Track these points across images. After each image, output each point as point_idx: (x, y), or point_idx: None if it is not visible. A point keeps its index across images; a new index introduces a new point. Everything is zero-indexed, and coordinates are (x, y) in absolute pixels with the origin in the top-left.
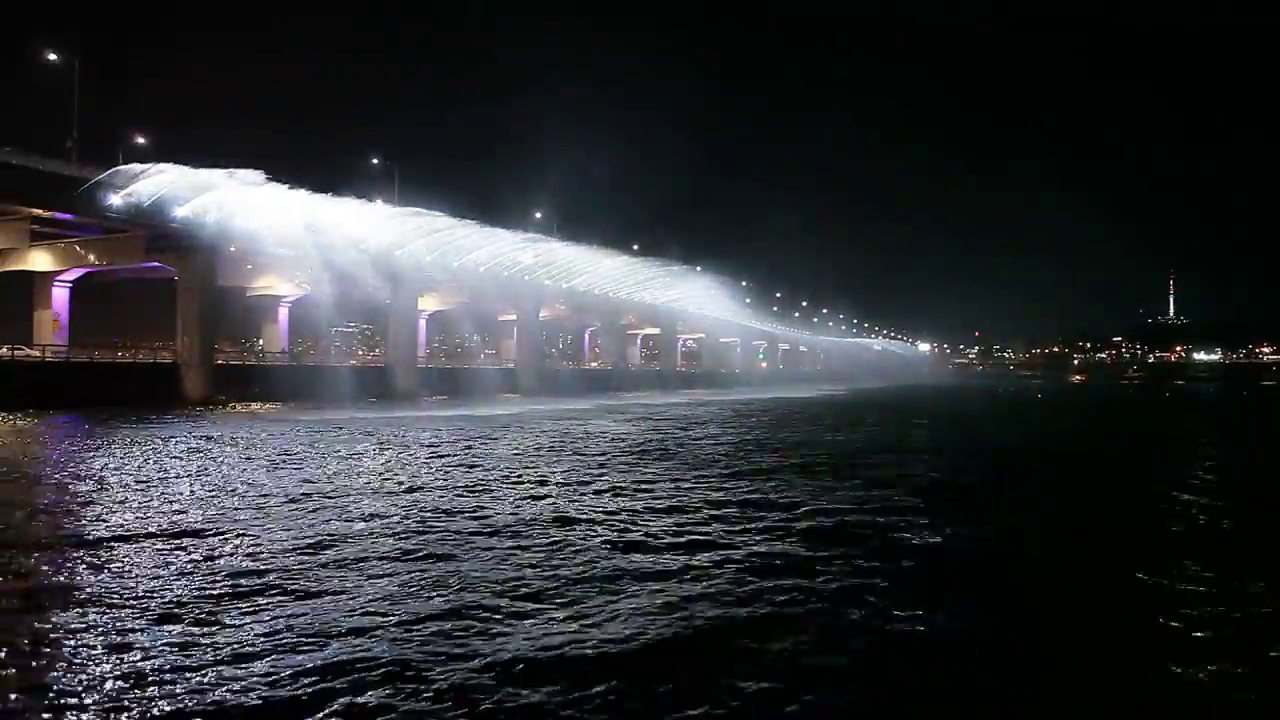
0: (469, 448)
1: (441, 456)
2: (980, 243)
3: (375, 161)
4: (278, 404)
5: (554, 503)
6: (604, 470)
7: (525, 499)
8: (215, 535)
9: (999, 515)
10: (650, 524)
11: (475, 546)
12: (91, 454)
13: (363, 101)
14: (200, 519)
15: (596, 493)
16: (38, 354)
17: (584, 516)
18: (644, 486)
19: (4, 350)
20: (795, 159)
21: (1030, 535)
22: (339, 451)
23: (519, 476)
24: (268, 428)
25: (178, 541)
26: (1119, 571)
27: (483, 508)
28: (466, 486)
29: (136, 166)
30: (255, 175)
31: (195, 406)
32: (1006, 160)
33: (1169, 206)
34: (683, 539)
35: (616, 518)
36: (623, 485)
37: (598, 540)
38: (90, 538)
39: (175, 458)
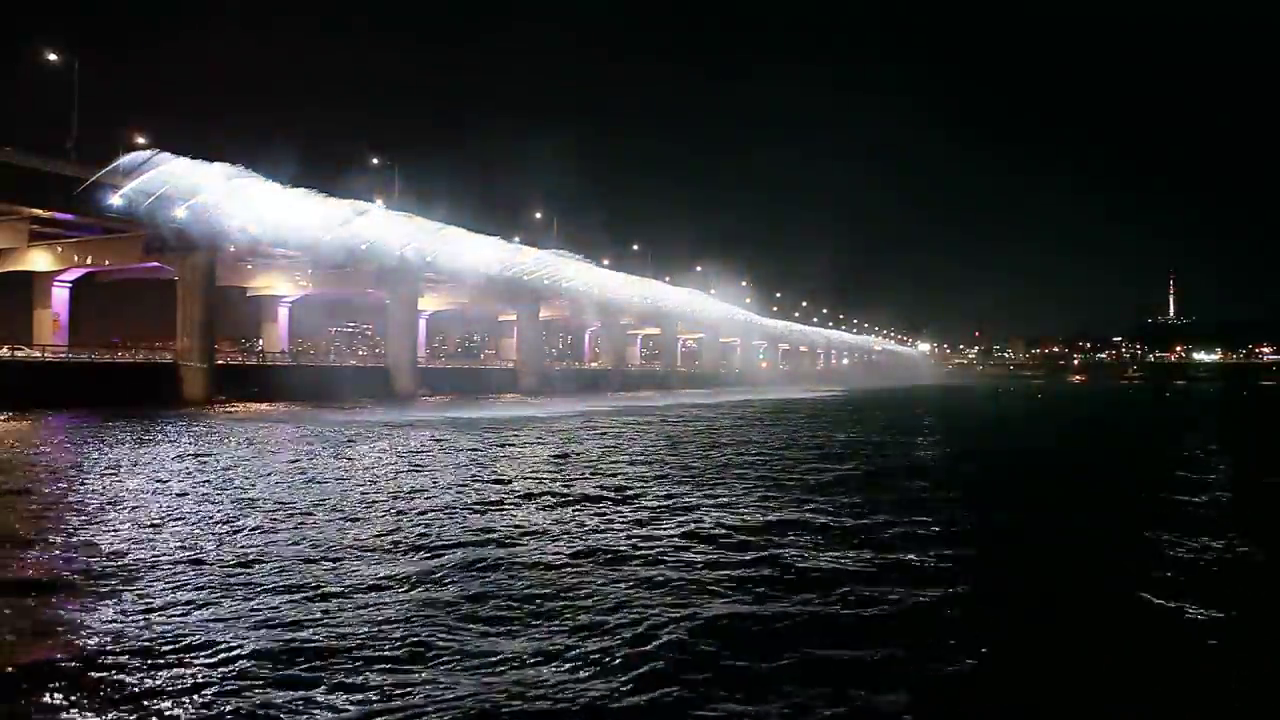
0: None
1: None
2: (980, 243)
3: (375, 161)
4: (278, 404)
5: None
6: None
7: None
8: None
9: None
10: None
11: None
12: (85, 459)
13: (365, 102)
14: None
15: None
16: (38, 354)
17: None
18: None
19: (4, 350)
20: (795, 160)
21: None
22: (351, 466)
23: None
24: (270, 431)
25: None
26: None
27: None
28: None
29: (139, 155)
30: (254, 177)
31: (196, 406)
32: (1006, 161)
33: (1169, 206)
34: None
35: None
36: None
37: None
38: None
39: (172, 466)
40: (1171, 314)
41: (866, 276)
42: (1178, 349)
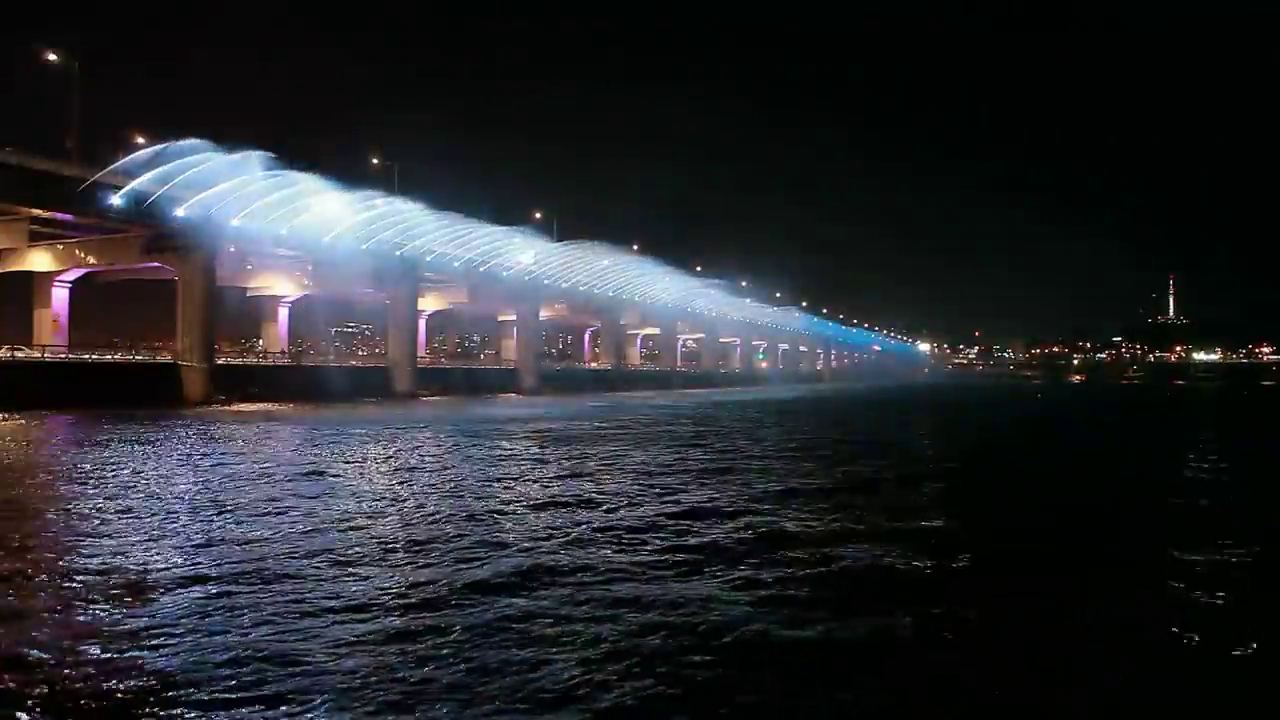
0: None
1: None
2: (981, 243)
3: (375, 161)
4: (278, 404)
5: None
6: None
7: None
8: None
9: None
10: None
11: None
12: (85, 463)
13: (364, 102)
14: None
15: None
16: (37, 354)
17: None
18: None
19: (4, 350)
20: (795, 160)
21: None
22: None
23: None
24: (274, 433)
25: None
26: None
27: None
28: None
29: (139, 155)
30: (261, 156)
31: (195, 407)
32: (1007, 160)
33: (1168, 207)
34: None
35: None
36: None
37: None
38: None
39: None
40: (1171, 314)
41: (867, 276)
42: (1178, 349)
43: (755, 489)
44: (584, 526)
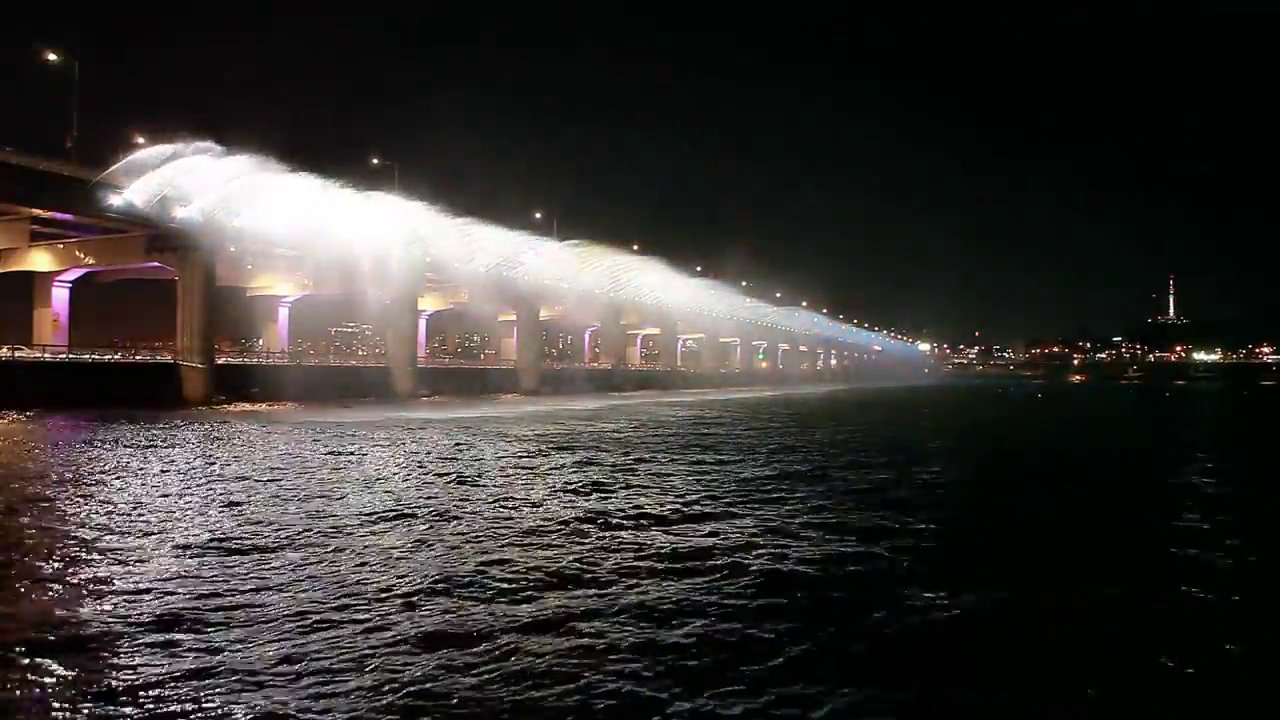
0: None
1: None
2: (981, 243)
3: (375, 161)
4: (278, 405)
5: None
6: None
7: None
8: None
9: None
10: None
11: None
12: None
13: (362, 101)
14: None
15: None
16: (38, 354)
17: None
18: None
19: (4, 350)
20: (794, 159)
21: None
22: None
23: None
24: (275, 436)
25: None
26: None
27: None
28: None
29: (139, 155)
30: (262, 156)
31: (196, 407)
32: (1007, 161)
33: (1169, 206)
34: None
35: None
36: None
37: None
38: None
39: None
40: (1171, 314)
41: (866, 277)
42: (1178, 349)
43: None
44: None
